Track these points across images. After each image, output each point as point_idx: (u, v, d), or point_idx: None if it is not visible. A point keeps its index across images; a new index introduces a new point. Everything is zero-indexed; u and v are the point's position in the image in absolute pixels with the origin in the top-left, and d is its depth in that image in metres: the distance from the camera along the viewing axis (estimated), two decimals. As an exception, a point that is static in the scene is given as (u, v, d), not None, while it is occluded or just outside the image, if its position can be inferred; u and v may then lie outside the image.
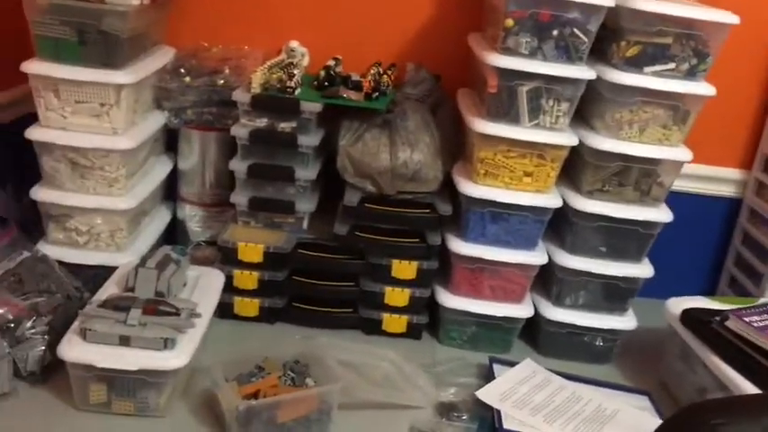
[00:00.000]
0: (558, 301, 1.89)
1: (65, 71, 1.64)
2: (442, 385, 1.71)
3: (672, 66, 1.64)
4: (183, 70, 1.88)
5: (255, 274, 1.83)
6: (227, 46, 2.00)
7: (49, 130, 1.70)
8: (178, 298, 1.61)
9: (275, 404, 1.46)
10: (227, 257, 1.83)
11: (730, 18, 1.60)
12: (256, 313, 1.88)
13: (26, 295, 1.60)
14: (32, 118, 1.72)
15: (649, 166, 1.75)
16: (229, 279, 1.82)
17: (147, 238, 1.92)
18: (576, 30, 1.61)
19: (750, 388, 1.47)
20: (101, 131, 1.71)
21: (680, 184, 1.84)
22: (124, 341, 1.44)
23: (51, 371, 1.54)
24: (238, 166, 1.84)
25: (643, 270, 1.85)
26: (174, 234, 2.09)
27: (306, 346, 1.72)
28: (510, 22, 1.60)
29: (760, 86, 2.10)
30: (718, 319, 1.63)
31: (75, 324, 1.48)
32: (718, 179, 2.16)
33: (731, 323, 1.59)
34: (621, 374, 1.89)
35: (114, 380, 1.45)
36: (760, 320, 1.56)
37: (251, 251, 1.82)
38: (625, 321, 1.89)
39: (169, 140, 2.04)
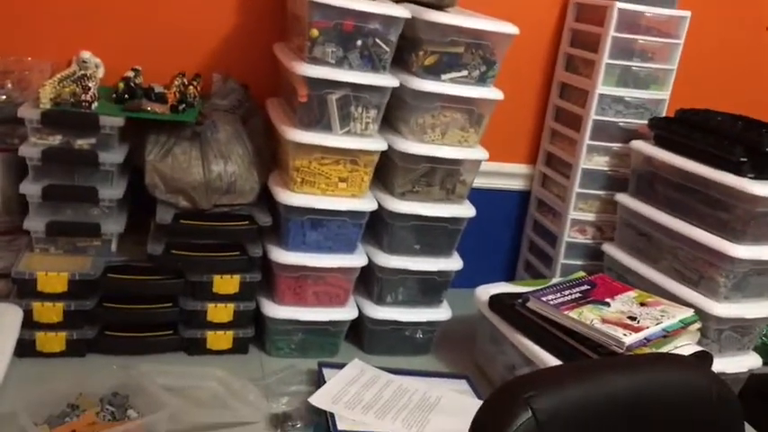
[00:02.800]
0: (379, 300, 1.96)
1: None
2: (273, 396, 1.70)
3: (465, 73, 1.78)
4: (-46, 85, 1.67)
5: (60, 305, 1.68)
6: (5, 57, 1.81)
7: None
8: (-31, 342, 1.43)
9: (97, 443, 1.36)
10: (24, 290, 1.66)
11: (512, 29, 1.77)
12: (63, 348, 1.72)
13: None
14: None
15: (452, 167, 1.88)
16: (28, 313, 1.65)
17: None
18: (378, 40, 1.69)
19: (553, 360, 1.64)
20: None
21: (478, 181, 2.00)
22: None
23: None
24: (31, 188, 1.68)
25: (454, 263, 1.98)
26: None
27: (124, 375, 1.61)
28: (315, 32, 1.64)
29: (539, 90, 2.35)
30: (520, 301, 1.80)
31: None
32: (509, 174, 2.39)
33: (531, 303, 1.76)
34: (441, 362, 2.01)
35: None
36: (554, 299, 1.75)
37: (53, 281, 1.67)
38: (441, 313, 2.01)
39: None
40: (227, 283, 1.79)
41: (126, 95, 1.75)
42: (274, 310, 1.84)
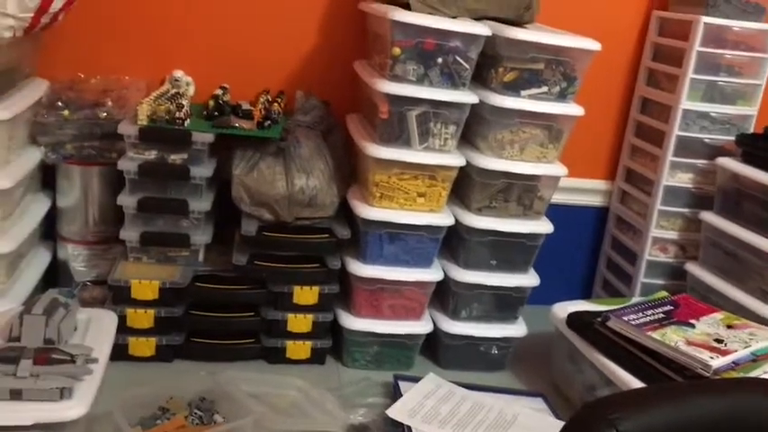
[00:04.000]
0: (454, 315, 1.96)
1: (-72, 108, 1.52)
2: (350, 407, 1.73)
3: (545, 89, 1.78)
4: (60, 103, 1.80)
5: (151, 311, 1.77)
6: (106, 77, 1.93)
7: None
8: (70, 344, 1.52)
9: (186, 445, 1.42)
10: (118, 296, 1.76)
11: (593, 45, 1.76)
12: (153, 352, 1.81)
13: None
14: None
15: (530, 183, 1.87)
16: (122, 319, 1.75)
17: (27, 281, 1.80)
18: (458, 57, 1.71)
19: (635, 382, 1.60)
20: (-28, 171, 1.59)
21: (556, 197, 1.98)
22: (15, 395, 1.34)
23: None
24: (127, 200, 1.78)
25: (530, 279, 1.97)
26: (55, 276, 1.97)
27: (211, 381, 1.68)
28: (397, 50, 1.67)
29: (619, 105, 2.31)
30: (599, 320, 1.77)
31: (-44, 382, 1.36)
32: (588, 190, 2.36)
33: (612, 323, 1.73)
34: (516, 379, 2.00)
35: (6, 438, 1.35)
36: (636, 319, 1.71)
37: (145, 288, 1.76)
38: (516, 329, 2.00)
39: (45, 177, 1.93)
40: (306, 294, 1.84)
41: (215, 112, 1.84)
42: (351, 322, 1.88)
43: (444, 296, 1.98)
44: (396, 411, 1.66)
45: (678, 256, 2.23)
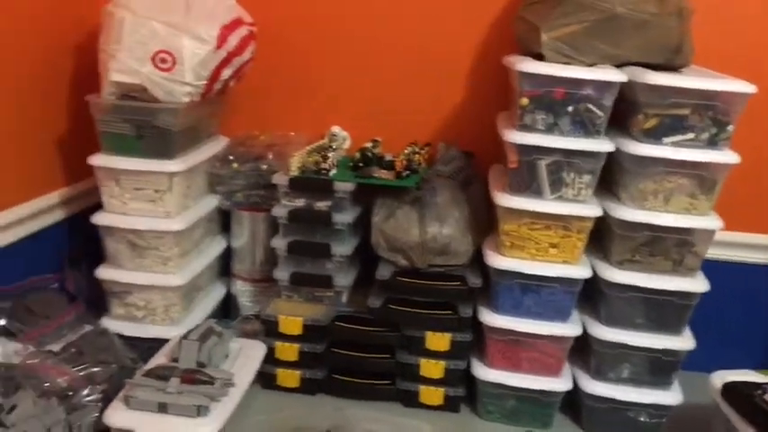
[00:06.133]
0: (597, 375, 1.85)
1: (125, 162, 1.85)
2: (475, 460, 1.71)
3: (691, 136, 1.65)
4: (231, 157, 2.06)
5: (296, 346, 1.92)
6: (274, 133, 2.17)
7: (111, 215, 1.89)
8: (217, 368, 1.71)
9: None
10: (269, 330, 1.93)
11: (746, 87, 1.60)
12: (297, 384, 1.95)
13: (84, 365, 1.75)
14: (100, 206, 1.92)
15: (680, 236, 1.73)
16: (272, 351, 1.92)
17: (201, 312, 2.06)
18: (590, 105, 1.66)
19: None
20: (156, 215, 1.88)
21: (717, 253, 1.80)
22: (162, 408, 1.55)
23: (104, 437, 1.66)
24: (279, 243, 1.97)
25: (684, 342, 1.79)
26: (227, 308, 2.22)
27: (340, 416, 1.77)
28: (525, 100, 1.68)
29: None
30: (759, 392, 1.56)
31: (122, 392, 1.61)
32: (752, 245, 2.08)
33: (772, 397, 1.52)
34: (670, 452, 1.82)
35: (154, 445, 1.55)
36: (804, 395, 1.49)
37: (291, 324, 1.92)
38: (669, 396, 1.83)
39: (225, 221, 2.20)
40: (438, 340, 1.87)
41: (360, 163, 1.97)
42: (484, 373, 1.86)
43: (586, 354, 1.87)
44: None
45: None
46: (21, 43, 1.84)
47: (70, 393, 1.68)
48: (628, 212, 1.71)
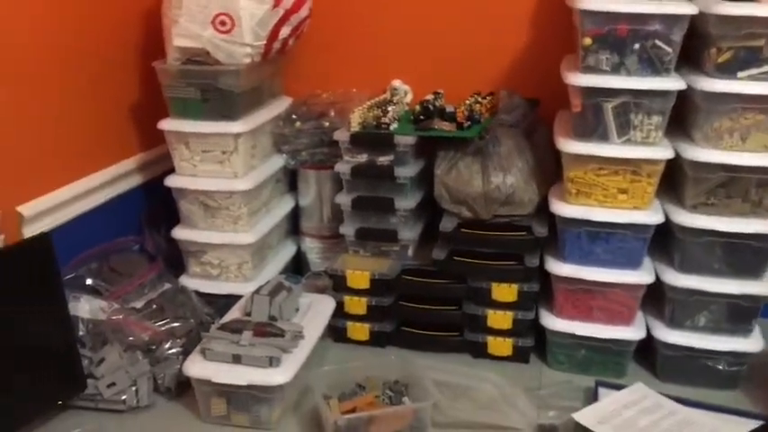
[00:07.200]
0: (672, 323, 1.80)
1: (191, 126, 1.90)
2: (544, 408, 1.71)
3: (766, 68, 1.54)
4: (294, 116, 2.09)
5: (364, 299, 1.96)
6: (336, 91, 2.18)
7: (182, 178, 1.96)
8: (287, 322, 1.77)
9: (369, 419, 1.56)
10: (337, 285, 1.97)
11: (831, 10, 1.48)
12: (367, 337, 1.99)
13: (165, 321, 1.85)
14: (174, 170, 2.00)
15: (758, 176, 1.63)
16: (341, 305, 1.96)
17: (272, 269, 2.12)
18: (658, 41, 1.58)
19: None
20: (224, 176, 1.94)
21: (801, 193, 1.69)
22: (236, 359, 1.62)
23: (184, 387, 1.75)
24: (344, 199, 1.99)
25: (764, 287, 1.71)
26: (299, 265, 2.28)
27: (408, 367, 1.79)
28: (588, 40, 1.61)
29: None
30: None
31: (199, 345, 1.69)
32: None
33: None
34: (750, 400, 1.76)
35: (231, 394, 1.63)
36: None
37: (358, 278, 1.95)
38: (749, 343, 1.76)
39: (293, 180, 2.24)
40: (505, 291, 1.86)
41: (421, 116, 1.96)
42: (553, 322, 1.84)
43: (660, 302, 1.82)
44: (583, 416, 1.60)
45: None
46: (89, 14, 1.91)
47: (153, 347, 1.79)
48: (702, 153, 1.63)
